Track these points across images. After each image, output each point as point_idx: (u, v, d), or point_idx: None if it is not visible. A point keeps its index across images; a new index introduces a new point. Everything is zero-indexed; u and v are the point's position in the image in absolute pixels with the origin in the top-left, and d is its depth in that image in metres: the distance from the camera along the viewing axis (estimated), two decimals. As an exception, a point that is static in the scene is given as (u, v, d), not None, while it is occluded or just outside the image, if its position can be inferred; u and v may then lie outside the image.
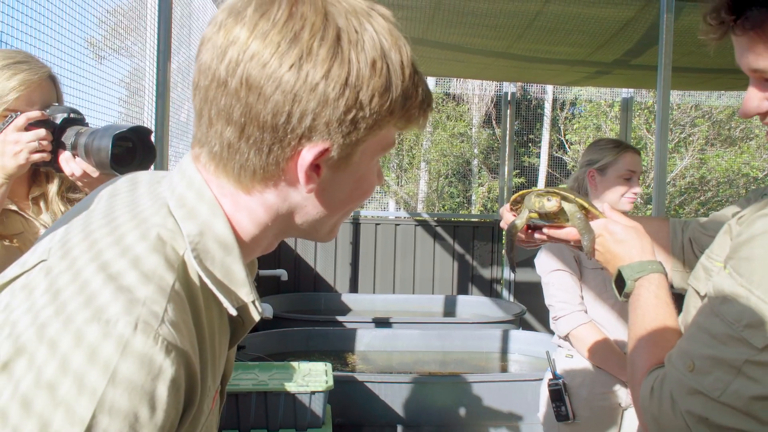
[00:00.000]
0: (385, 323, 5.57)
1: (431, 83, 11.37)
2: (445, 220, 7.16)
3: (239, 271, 0.80)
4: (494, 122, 13.99)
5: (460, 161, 14.08)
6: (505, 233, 1.35)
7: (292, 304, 6.26)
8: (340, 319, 5.63)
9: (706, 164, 13.39)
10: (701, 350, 0.97)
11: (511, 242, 1.33)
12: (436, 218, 7.08)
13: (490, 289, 7.01)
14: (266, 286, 6.26)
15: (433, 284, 6.91)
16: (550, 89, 11.75)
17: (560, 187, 1.32)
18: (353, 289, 6.79)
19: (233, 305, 0.80)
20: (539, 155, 14.12)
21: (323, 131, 0.74)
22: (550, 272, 2.47)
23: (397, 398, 3.95)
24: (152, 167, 1.69)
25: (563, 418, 2.37)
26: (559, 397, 2.36)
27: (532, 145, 14.56)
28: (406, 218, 7.15)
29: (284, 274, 5.83)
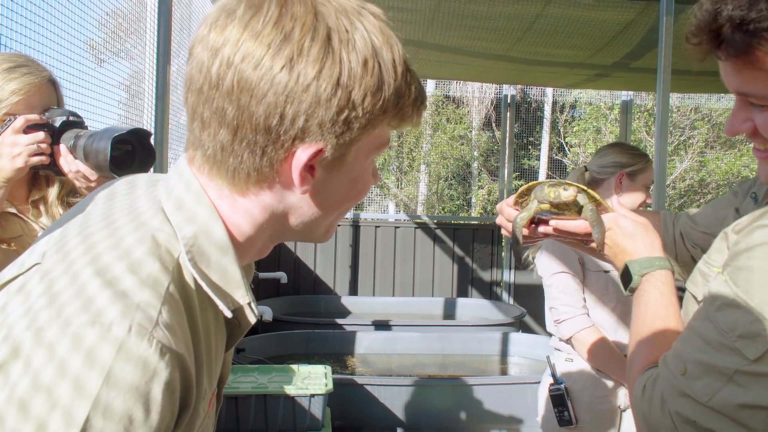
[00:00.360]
0: (384, 326, 5.56)
1: (431, 86, 11.37)
2: (444, 222, 7.15)
3: (235, 273, 0.80)
4: (494, 125, 14.01)
5: (460, 164, 14.07)
6: (510, 228, 1.30)
7: (291, 306, 6.25)
8: (339, 321, 5.63)
9: (705, 167, 13.41)
10: (694, 354, 0.98)
11: (516, 235, 1.29)
12: (435, 221, 7.07)
13: (489, 291, 6.99)
14: (266, 288, 6.26)
15: (432, 287, 6.89)
16: (549, 92, 11.75)
17: (564, 180, 1.28)
18: (353, 291, 6.78)
19: (229, 307, 0.80)
20: (539, 158, 14.12)
21: (316, 132, 0.74)
22: (552, 274, 2.44)
23: (396, 401, 3.94)
24: (152, 170, 1.69)
25: (566, 423, 2.35)
26: (561, 402, 2.34)
27: (531, 147, 14.55)
28: (405, 221, 7.13)
29: (284, 276, 5.82)
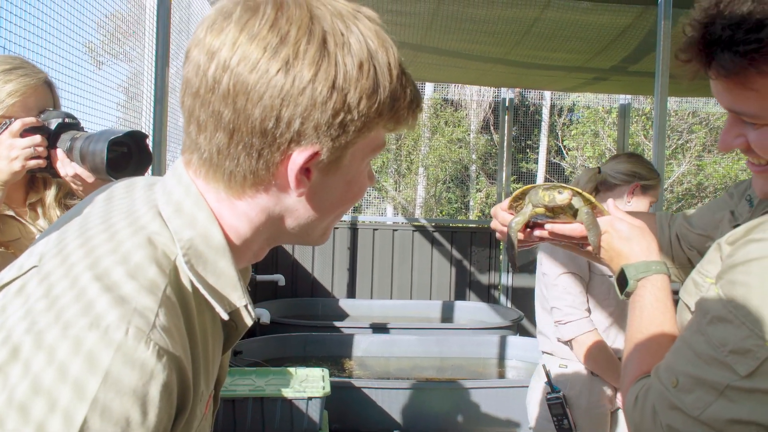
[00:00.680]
0: (382, 329, 5.56)
1: (429, 89, 11.38)
2: (442, 225, 7.17)
3: (231, 275, 0.80)
4: (492, 128, 14.00)
5: (458, 167, 14.07)
6: (505, 232, 1.29)
7: (289, 309, 6.24)
8: (337, 324, 5.63)
9: (703, 170, 13.42)
10: (686, 368, 0.98)
11: (512, 239, 1.28)
12: (433, 224, 7.09)
13: (487, 294, 6.99)
14: (263, 291, 6.25)
15: (430, 290, 6.89)
16: (548, 95, 11.73)
17: (559, 184, 1.27)
18: (351, 294, 6.77)
19: (225, 310, 0.80)
20: (537, 161, 14.13)
21: (312, 135, 0.74)
22: (561, 274, 2.40)
23: (394, 404, 3.94)
24: (149, 172, 1.68)
25: (566, 430, 2.34)
26: (560, 410, 2.32)
27: (529, 150, 14.56)
28: (403, 224, 7.15)
29: (281, 279, 5.84)
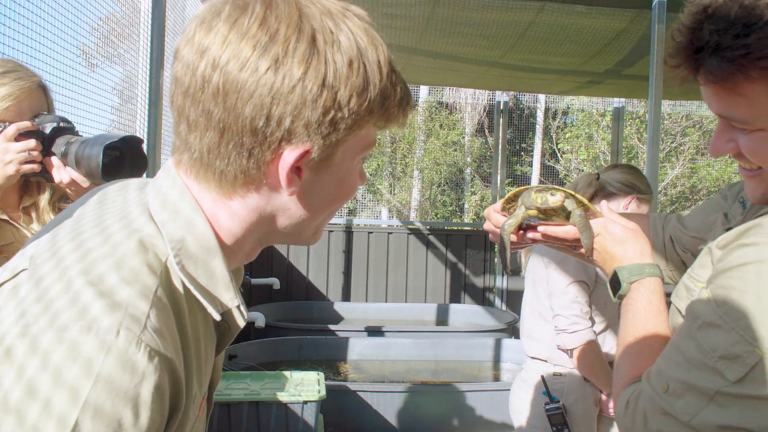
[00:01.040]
0: (377, 332, 5.56)
1: (424, 92, 11.39)
2: (437, 228, 7.16)
3: (223, 275, 0.79)
4: (487, 131, 14.04)
5: (452, 170, 14.09)
6: (498, 234, 1.28)
7: (284, 312, 6.23)
8: (332, 327, 5.64)
9: (696, 173, 13.47)
10: (676, 373, 0.98)
11: (504, 241, 1.27)
12: (428, 227, 7.08)
13: (482, 297, 6.99)
14: (258, 294, 6.24)
15: (425, 293, 6.88)
16: (542, 98, 11.77)
17: (552, 186, 1.27)
18: (346, 297, 6.75)
19: (218, 310, 0.80)
20: (531, 164, 14.16)
21: (303, 133, 0.74)
22: (571, 283, 2.37)
23: (389, 407, 3.94)
24: (144, 176, 1.68)
25: None
26: (561, 420, 2.32)
27: (524, 153, 14.58)
28: (398, 227, 7.14)
29: (276, 282, 5.82)
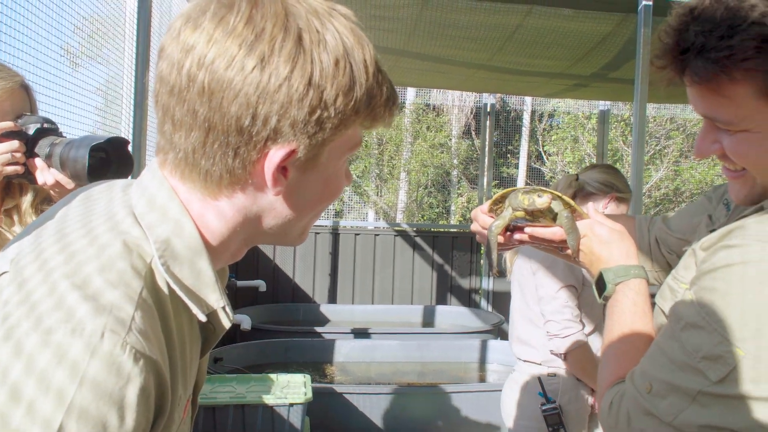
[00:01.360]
0: (363, 334, 5.55)
1: (411, 94, 11.39)
2: (424, 230, 7.15)
3: (208, 276, 0.79)
4: (473, 133, 14.05)
5: (439, 171, 14.09)
6: (485, 235, 1.28)
7: (270, 315, 6.20)
8: (318, 330, 5.61)
9: (680, 176, 13.56)
10: (659, 373, 0.99)
11: (492, 243, 1.27)
12: (415, 228, 7.07)
13: (468, 299, 6.99)
14: (244, 297, 6.20)
15: (412, 294, 6.88)
16: (529, 101, 11.79)
17: (539, 187, 1.27)
18: (332, 299, 6.73)
19: (203, 311, 0.79)
20: (518, 166, 14.19)
21: (289, 132, 0.74)
22: (561, 288, 2.39)
23: (375, 409, 3.93)
24: (129, 177, 1.66)
25: None
26: (557, 421, 2.34)
27: (510, 155, 14.63)
28: (385, 228, 7.11)
29: (262, 284, 5.81)
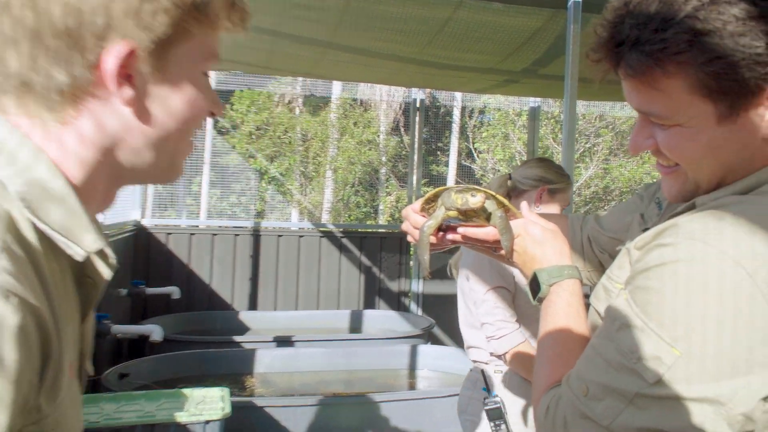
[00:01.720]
0: (286, 342, 5.51)
1: (338, 88, 11.27)
2: (351, 231, 7.17)
3: (79, 215, 0.75)
4: (402, 129, 14.07)
5: (367, 169, 14.13)
6: (416, 235, 1.28)
7: (184, 324, 6.09)
8: (237, 339, 5.56)
9: (609, 174, 14.04)
10: (595, 376, 0.99)
11: (424, 244, 1.26)
12: (341, 229, 7.08)
13: (397, 302, 7.04)
14: (155, 305, 6.10)
15: (338, 299, 6.88)
16: (459, 96, 11.89)
17: (472, 186, 1.28)
18: (252, 306, 6.66)
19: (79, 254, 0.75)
20: (448, 164, 14.35)
21: (120, 28, 0.73)
22: (488, 290, 2.41)
23: (300, 423, 3.90)
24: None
25: None
26: (499, 415, 2.36)
27: (440, 153, 14.79)
28: (310, 229, 7.24)
29: (175, 291, 5.81)
